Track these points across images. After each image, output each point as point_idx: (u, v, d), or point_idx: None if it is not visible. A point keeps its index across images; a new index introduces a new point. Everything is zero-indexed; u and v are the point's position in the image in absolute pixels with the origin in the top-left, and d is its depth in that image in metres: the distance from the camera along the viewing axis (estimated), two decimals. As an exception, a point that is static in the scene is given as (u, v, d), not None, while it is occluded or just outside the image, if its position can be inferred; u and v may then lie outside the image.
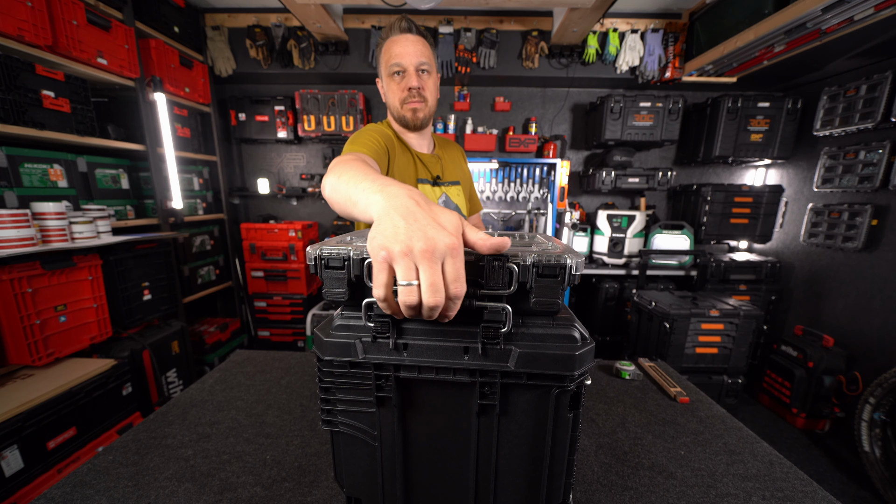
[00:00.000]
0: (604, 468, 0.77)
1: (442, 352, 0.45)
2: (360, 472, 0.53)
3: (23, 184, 1.64)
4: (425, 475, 0.52)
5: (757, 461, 0.79)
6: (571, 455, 0.50)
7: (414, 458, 0.51)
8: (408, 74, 1.04)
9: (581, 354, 0.44)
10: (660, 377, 1.14)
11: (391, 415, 0.49)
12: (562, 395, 0.46)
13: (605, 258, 2.91)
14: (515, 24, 2.67)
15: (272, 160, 3.24)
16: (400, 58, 1.02)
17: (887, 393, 1.83)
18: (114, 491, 0.70)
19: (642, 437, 0.87)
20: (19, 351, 1.49)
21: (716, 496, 0.70)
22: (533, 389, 0.46)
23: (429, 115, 1.11)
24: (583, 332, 0.47)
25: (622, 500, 0.68)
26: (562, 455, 0.49)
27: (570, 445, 0.49)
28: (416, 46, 1.02)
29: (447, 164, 1.21)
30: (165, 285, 2.22)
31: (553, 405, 0.46)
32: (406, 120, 1.10)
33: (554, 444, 0.49)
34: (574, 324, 0.47)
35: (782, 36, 1.92)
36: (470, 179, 1.33)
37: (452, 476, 0.52)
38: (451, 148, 1.29)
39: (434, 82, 1.08)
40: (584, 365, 0.45)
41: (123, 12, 2.04)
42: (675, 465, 0.78)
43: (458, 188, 1.22)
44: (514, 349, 0.45)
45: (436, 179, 1.16)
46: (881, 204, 2.16)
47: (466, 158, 1.34)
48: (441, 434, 0.50)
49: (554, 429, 0.48)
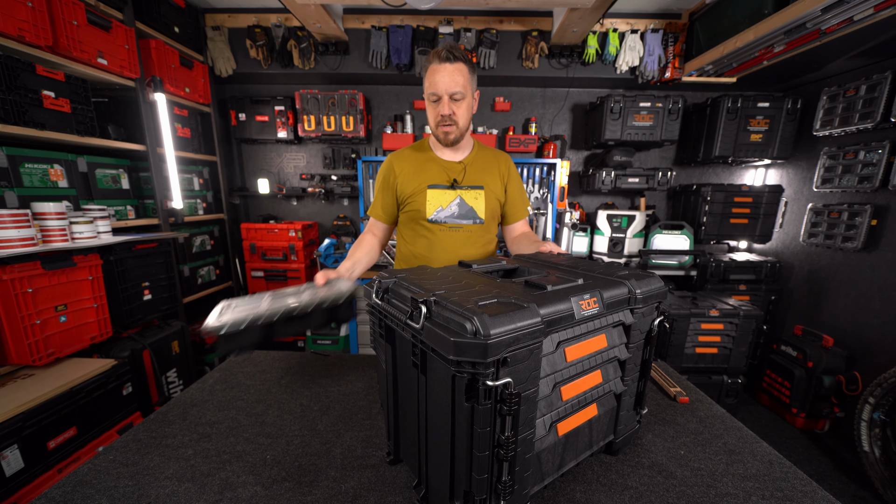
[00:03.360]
0: (604, 467, 0.77)
1: (402, 313, 0.62)
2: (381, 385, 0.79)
3: (23, 184, 1.64)
4: (402, 398, 0.70)
5: (756, 461, 0.79)
6: (473, 447, 0.52)
7: (397, 383, 0.69)
8: (442, 102, 1.16)
9: (460, 343, 0.48)
10: (660, 377, 1.14)
11: (384, 345, 0.70)
12: (459, 380, 0.51)
13: (604, 258, 2.91)
14: (515, 25, 2.67)
15: (272, 160, 3.24)
16: (436, 87, 1.14)
17: (887, 393, 1.83)
18: (114, 490, 0.70)
19: (642, 436, 0.87)
20: (20, 351, 1.49)
21: (715, 496, 0.70)
22: (439, 362, 0.54)
23: (460, 135, 1.24)
24: (481, 327, 0.48)
25: (622, 500, 0.68)
26: (463, 439, 0.53)
27: (470, 435, 0.51)
28: (451, 76, 1.12)
29: (473, 171, 1.31)
30: (166, 285, 2.22)
31: (455, 388, 0.52)
32: (440, 139, 1.26)
33: (455, 426, 0.53)
34: (478, 317, 0.49)
35: (782, 36, 1.92)
36: (508, 187, 1.36)
37: (413, 404, 0.65)
38: (489, 156, 1.36)
39: (467, 105, 1.19)
40: (464, 354, 0.48)
41: (124, 12, 2.04)
42: (675, 464, 0.78)
43: (478, 192, 1.30)
44: (428, 324, 0.54)
45: (453, 183, 1.28)
46: (881, 204, 2.16)
47: (511, 168, 1.38)
48: (404, 367, 0.66)
49: (454, 411, 0.53)
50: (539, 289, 0.63)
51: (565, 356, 0.62)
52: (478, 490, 0.53)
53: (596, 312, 0.63)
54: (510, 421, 0.51)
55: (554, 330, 0.58)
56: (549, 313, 0.56)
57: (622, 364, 0.74)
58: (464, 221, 1.29)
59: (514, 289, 0.63)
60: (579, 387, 0.66)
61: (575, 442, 0.69)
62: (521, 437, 0.55)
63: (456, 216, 1.28)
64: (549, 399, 0.61)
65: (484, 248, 1.35)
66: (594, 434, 0.73)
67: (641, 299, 0.70)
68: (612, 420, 0.76)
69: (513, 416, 0.51)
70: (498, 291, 0.60)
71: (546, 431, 0.61)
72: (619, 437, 0.78)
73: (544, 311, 0.55)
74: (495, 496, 0.54)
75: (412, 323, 0.56)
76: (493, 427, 0.51)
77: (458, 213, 1.28)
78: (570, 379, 0.64)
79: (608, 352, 0.70)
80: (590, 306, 0.62)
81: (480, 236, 1.33)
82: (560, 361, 0.62)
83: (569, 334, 0.61)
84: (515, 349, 0.51)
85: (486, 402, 0.50)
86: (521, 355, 0.52)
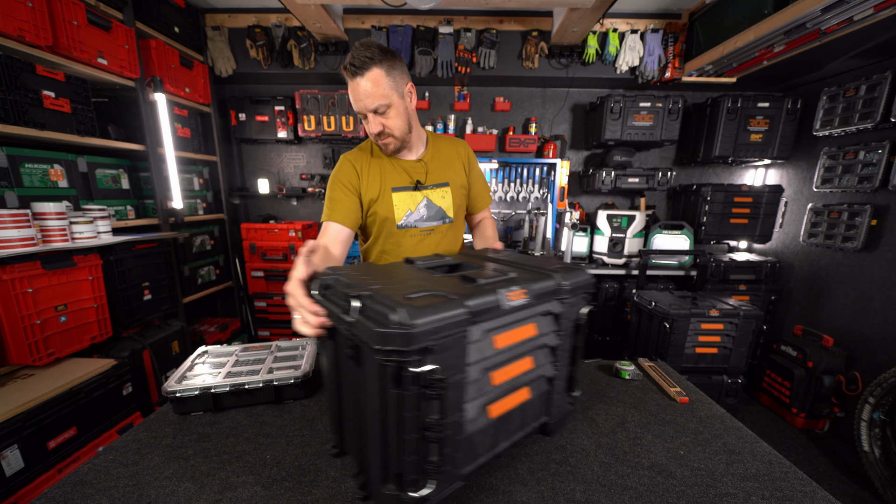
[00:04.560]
0: (603, 468, 0.77)
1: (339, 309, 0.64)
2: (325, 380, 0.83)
3: (23, 184, 1.64)
4: (344, 391, 0.71)
5: (756, 461, 0.79)
6: (403, 431, 0.55)
7: (339, 377, 0.72)
8: (368, 120, 1.06)
9: (385, 334, 0.51)
10: (659, 377, 1.14)
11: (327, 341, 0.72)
12: (387, 368, 0.53)
13: (605, 258, 2.91)
14: (515, 25, 2.67)
15: (272, 160, 3.24)
16: (356, 104, 1.04)
17: (886, 393, 1.83)
18: (114, 490, 0.70)
19: (642, 436, 0.87)
20: (20, 351, 1.49)
21: (715, 496, 0.70)
22: (371, 353, 0.55)
23: (401, 143, 1.13)
24: (405, 318, 0.51)
25: (622, 500, 0.69)
26: (393, 424, 0.55)
27: (399, 420, 0.54)
28: (366, 92, 1.00)
29: (434, 168, 1.22)
30: (166, 285, 2.22)
31: (384, 376, 0.54)
32: (382, 151, 1.18)
33: (386, 412, 0.56)
34: (402, 309, 0.51)
35: (782, 36, 1.92)
36: (470, 176, 1.31)
37: (352, 396, 0.68)
38: (447, 148, 1.28)
39: (396, 111, 1.06)
40: (389, 343, 0.51)
41: (124, 12, 2.04)
42: (675, 464, 0.78)
43: (444, 190, 1.22)
44: (360, 318, 0.56)
45: (417, 184, 1.19)
46: (880, 204, 2.16)
47: (470, 155, 1.30)
48: (343, 361, 0.67)
49: (384, 398, 0.55)
50: (471, 282, 0.67)
51: (494, 343, 0.66)
52: (408, 471, 0.57)
53: (524, 303, 0.68)
54: (437, 405, 0.55)
55: (482, 320, 0.62)
56: (477, 304, 0.60)
57: (553, 350, 0.78)
58: (434, 223, 1.22)
59: (449, 282, 0.67)
60: (510, 372, 0.70)
61: (508, 423, 0.73)
62: (451, 420, 0.60)
63: (425, 218, 1.20)
64: (479, 384, 0.65)
65: (455, 245, 1.30)
66: (527, 416, 0.77)
67: (569, 290, 0.76)
68: (545, 402, 0.81)
69: (439, 400, 0.55)
70: (432, 285, 0.64)
71: (476, 414, 0.65)
72: (553, 418, 0.83)
73: (471, 302, 0.59)
74: (425, 476, 0.58)
75: (345, 317, 0.59)
76: (420, 411, 0.55)
77: (427, 216, 1.21)
78: (500, 365, 0.68)
79: (539, 339, 0.74)
80: (517, 297, 0.67)
81: (452, 235, 1.27)
82: (488, 349, 0.65)
83: (497, 323, 0.65)
84: (439, 338, 0.54)
85: (412, 388, 0.53)
86: (446, 344, 0.56)
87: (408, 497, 0.57)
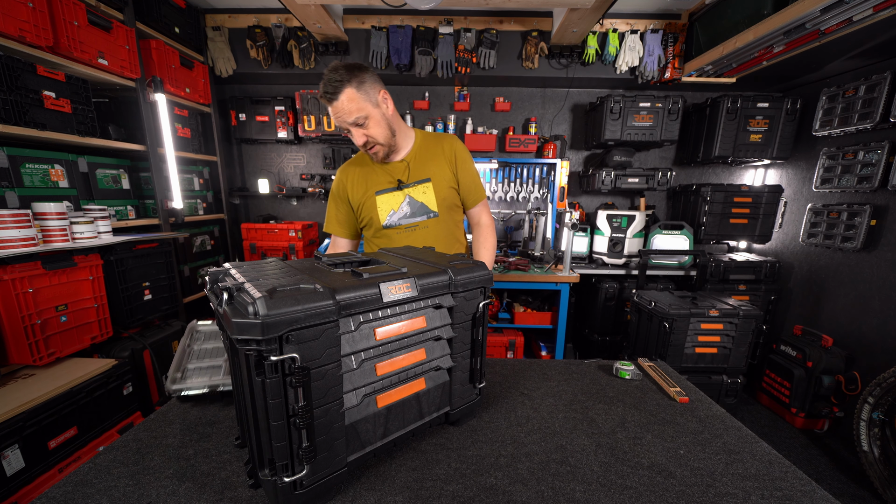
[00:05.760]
0: (603, 467, 0.77)
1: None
2: None
3: (24, 184, 1.64)
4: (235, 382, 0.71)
5: (756, 461, 0.79)
6: (269, 417, 0.56)
7: (233, 369, 0.71)
8: (352, 134, 1.16)
9: (240, 323, 0.52)
10: (659, 377, 1.14)
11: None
12: (247, 356, 0.56)
13: (604, 258, 2.91)
14: (515, 25, 2.67)
15: (272, 160, 3.24)
16: (338, 122, 1.15)
17: (886, 392, 1.84)
18: (114, 490, 0.70)
19: (642, 436, 0.87)
20: (20, 351, 1.49)
21: (715, 495, 0.70)
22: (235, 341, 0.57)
23: (388, 148, 1.22)
24: (259, 309, 0.52)
25: (622, 500, 0.69)
26: (261, 410, 0.57)
27: (265, 407, 0.56)
28: (343, 110, 1.10)
29: (416, 166, 1.28)
30: (166, 285, 2.22)
31: (246, 364, 0.56)
32: (373, 160, 1.26)
33: (253, 399, 0.58)
34: (258, 300, 0.53)
35: (781, 36, 1.92)
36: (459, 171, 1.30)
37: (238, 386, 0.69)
38: (432, 145, 1.30)
39: (376, 120, 1.15)
40: (246, 333, 0.52)
41: (124, 13, 2.04)
42: (675, 464, 0.78)
43: (425, 185, 1.27)
44: (227, 308, 0.57)
45: (399, 184, 1.26)
46: (880, 204, 2.16)
47: (457, 150, 1.31)
48: (231, 353, 0.68)
49: (251, 385, 0.57)
50: (358, 277, 0.69)
51: (375, 335, 0.68)
52: (279, 456, 0.58)
53: (407, 296, 0.70)
54: (301, 392, 0.57)
55: (357, 311, 0.64)
56: (350, 297, 0.62)
57: (450, 342, 0.81)
58: (417, 219, 1.27)
59: (333, 277, 0.69)
60: (397, 363, 0.72)
61: (401, 413, 0.75)
62: (325, 408, 0.62)
63: (409, 215, 1.26)
64: (360, 373, 0.67)
65: (447, 238, 1.31)
66: (424, 406, 0.79)
67: (461, 285, 0.79)
68: (446, 393, 0.83)
69: (303, 387, 0.57)
70: (311, 279, 0.64)
71: (358, 402, 0.66)
72: (456, 408, 0.86)
73: (342, 295, 0.61)
74: (298, 462, 0.60)
75: (217, 308, 0.61)
76: (285, 398, 0.57)
77: (411, 212, 1.26)
78: (384, 356, 0.70)
79: (430, 332, 0.76)
80: (400, 290, 0.69)
81: (441, 229, 1.29)
82: (366, 340, 0.67)
83: (376, 315, 0.67)
84: (299, 328, 0.56)
85: (273, 376, 0.55)
86: (310, 334, 0.58)
87: (282, 481, 0.59)
